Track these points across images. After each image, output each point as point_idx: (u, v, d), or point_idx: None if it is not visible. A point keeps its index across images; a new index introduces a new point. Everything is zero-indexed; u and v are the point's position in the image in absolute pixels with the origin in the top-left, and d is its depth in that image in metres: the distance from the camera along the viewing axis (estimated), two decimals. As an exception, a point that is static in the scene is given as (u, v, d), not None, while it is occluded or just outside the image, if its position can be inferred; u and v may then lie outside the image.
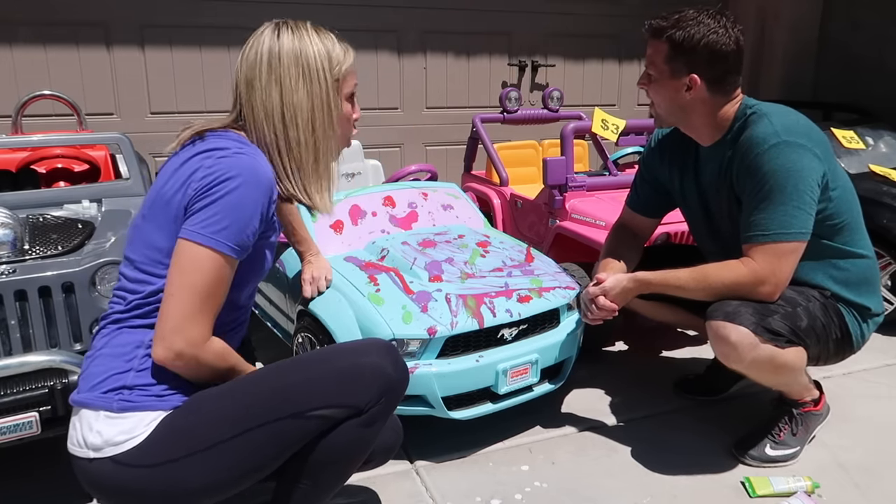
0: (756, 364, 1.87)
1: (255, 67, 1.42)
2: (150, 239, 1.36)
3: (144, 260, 1.36)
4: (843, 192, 1.94)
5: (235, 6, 4.18)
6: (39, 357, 1.67)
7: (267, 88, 1.41)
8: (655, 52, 1.93)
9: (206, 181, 1.30)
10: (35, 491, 1.94)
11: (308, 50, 1.42)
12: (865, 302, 2.01)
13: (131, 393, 1.32)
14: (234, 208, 1.30)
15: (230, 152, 1.34)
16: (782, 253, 1.84)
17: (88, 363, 1.38)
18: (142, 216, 1.40)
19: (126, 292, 1.38)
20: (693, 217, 2.22)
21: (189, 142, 1.40)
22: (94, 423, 1.31)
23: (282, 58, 1.41)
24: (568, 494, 1.94)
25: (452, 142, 4.83)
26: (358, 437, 1.39)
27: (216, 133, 1.41)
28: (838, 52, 5.24)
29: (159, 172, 1.43)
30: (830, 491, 1.94)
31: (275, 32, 1.44)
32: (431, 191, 2.79)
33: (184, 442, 1.30)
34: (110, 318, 1.40)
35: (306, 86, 1.42)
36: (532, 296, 2.19)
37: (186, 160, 1.36)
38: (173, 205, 1.33)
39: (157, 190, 1.38)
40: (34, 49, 3.86)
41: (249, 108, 1.42)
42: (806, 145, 1.83)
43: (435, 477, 2.01)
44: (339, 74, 1.46)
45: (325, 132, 1.45)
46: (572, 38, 5.20)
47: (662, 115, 2.02)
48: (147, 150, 3.82)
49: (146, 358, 1.34)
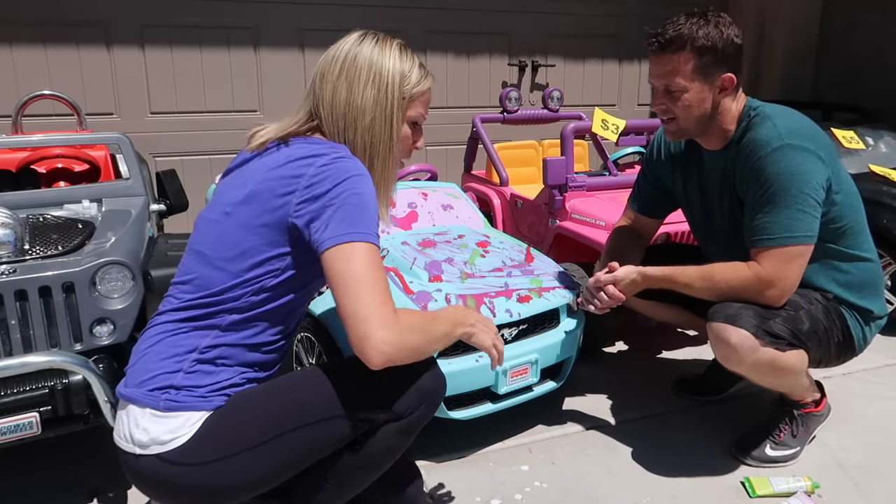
0: (756, 367, 1.87)
1: (331, 63, 1.46)
2: (231, 237, 1.38)
3: (218, 257, 1.38)
4: (847, 196, 1.93)
5: (235, 6, 4.17)
6: (40, 357, 1.67)
7: (336, 83, 1.44)
8: (678, 64, 1.85)
9: (321, 190, 1.32)
10: (35, 491, 1.94)
11: (384, 61, 1.45)
12: (868, 305, 2.01)
13: (178, 393, 1.33)
14: (360, 206, 1.33)
15: (329, 158, 1.36)
16: (789, 257, 1.83)
17: (137, 358, 1.40)
18: (224, 213, 1.40)
19: (190, 286, 1.39)
20: (695, 218, 2.22)
21: (273, 145, 1.42)
22: (141, 420, 1.33)
23: (357, 60, 1.45)
24: (568, 494, 1.94)
25: (452, 142, 4.82)
26: (392, 444, 1.42)
27: (303, 138, 1.44)
28: (838, 52, 5.24)
29: (234, 171, 1.46)
30: (830, 491, 1.94)
31: (360, 38, 1.48)
32: (431, 191, 2.79)
33: (229, 441, 1.33)
34: (167, 313, 1.41)
35: (373, 93, 1.44)
36: (532, 296, 2.19)
37: (280, 165, 1.37)
38: (270, 209, 1.35)
39: (243, 189, 1.39)
40: (34, 49, 3.86)
41: (319, 101, 1.46)
42: (810, 148, 1.82)
43: (435, 477, 2.01)
44: (407, 93, 1.47)
45: (384, 142, 1.47)
46: (572, 38, 5.20)
47: (690, 128, 1.95)
48: (147, 150, 3.83)
49: (196, 363, 1.36)
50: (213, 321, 1.37)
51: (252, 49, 4.26)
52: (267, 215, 1.35)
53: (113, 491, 1.91)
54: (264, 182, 1.37)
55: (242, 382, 1.39)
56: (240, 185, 1.41)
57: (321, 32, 4.36)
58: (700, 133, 1.99)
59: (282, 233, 1.36)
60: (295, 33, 4.31)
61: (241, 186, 1.41)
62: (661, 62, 1.89)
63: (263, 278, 1.37)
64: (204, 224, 1.45)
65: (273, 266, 1.37)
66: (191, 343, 1.37)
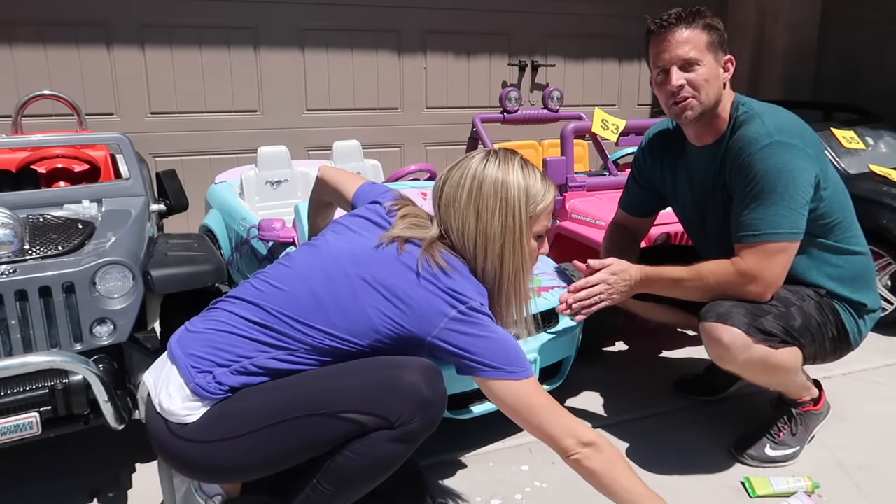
0: (749, 365, 1.87)
1: (457, 189, 1.49)
2: (356, 309, 1.42)
3: (332, 313, 1.42)
4: (835, 192, 1.94)
5: (235, 6, 4.18)
6: (40, 357, 1.67)
7: (465, 211, 1.48)
8: (692, 36, 1.86)
9: (461, 341, 1.44)
10: (35, 491, 1.94)
11: (510, 182, 1.47)
12: (861, 298, 2.01)
13: (210, 383, 1.39)
14: (505, 346, 1.46)
15: (472, 305, 1.43)
16: (771, 252, 1.84)
17: (203, 329, 1.45)
18: (361, 279, 1.43)
19: (285, 319, 1.43)
20: (686, 217, 2.22)
21: (426, 256, 1.45)
22: (172, 384, 1.41)
23: (483, 185, 1.47)
24: (568, 494, 1.94)
25: (452, 142, 4.83)
26: (385, 453, 1.41)
27: (452, 260, 1.47)
28: (838, 52, 5.24)
29: (386, 247, 1.47)
30: (830, 491, 1.94)
31: (484, 160, 1.50)
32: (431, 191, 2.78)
33: (228, 426, 1.39)
34: (254, 305, 1.45)
35: (501, 218, 1.46)
36: (531, 295, 2.18)
37: (426, 285, 1.42)
38: (415, 321, 1.42)
39: (388, 272, 1.44)
40: (34, 49, 3.86)
41: (448, 227, 1.50)
42: (798, 145, 1.83)
43: (435, 477, 2.01)
44: (534, 213, 1.49)
45: (515, 264, 1.50)
46: (572, 38, 5.20)
47: (709, 105, 1.91)
48: (147, 150, 3.83)
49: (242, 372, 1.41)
50: (287, 351, 1.42)
51: (252, 49, 4.26)
52: (404, 322, 1.42)
53: (113, 491, 1.91)
54: (411, 290, 1.42)
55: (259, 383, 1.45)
56: (384, 265, 1.44)
57: (321, 32, 4.38)
58: (710, 116, 1.95)
59: (410, 339, 1.44)
60: (295, 33, 4.30)
61: (385, 266, 1.44)
62: (673, 39, 1.87)
63: (361, 345, 1.44)
64: (331, 264, 1.47)
65: (376, 345, 1.44)
66: (251, 351, 1.42)
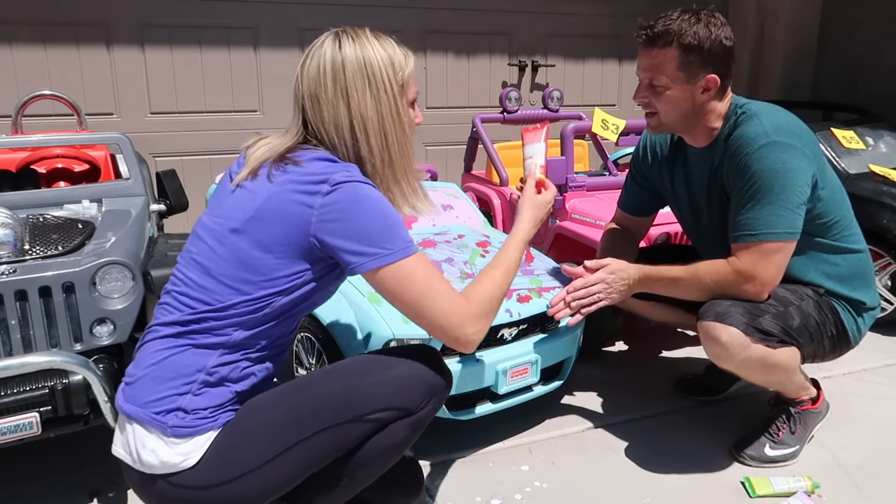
0: (747, 364, 1.87)
1: (320, 81, 1.39)
2: (241, 255, 1.33)
3: (229, 273, 1.33)
4: (832, 191, 1.94)
5: (235, 6, 4.17)
6: (40, 358, 1.67)
7: (334, 102, 1.38)
8: (663, 59, 1.85)
9: (338, 215, 1.31)
10: (35, 491, 1.94)
11: (372, 58, 1.40)
12: (860, 296, 2.01)
13: (186, 417, 1.30)
14: (384, 220, 1.34)
15: (339, 177, 1.32)
16: (768, 252, 1.84)
17: (141, 372, 1.35)
18: (231, 230, 1.35)
19: (193, 300, 1.35)
20: (685, 217, 2.23)
21: (277, 165, 1.36)
22: (148, 441, 1.31)
23: (346, 69, 1.38)
24: (568, 494, 1.94)
25: (452, 142, 4.82)
26: (400, 439, 1.41)
27: (312, 152, 1.38)
28: (838, 52, 5.24)
29: (241, 187, 1.39)
30: (830, 491, 1.94)
31: (336, 42, 1.41)
32: (431, 191, 2.76)
33: (239, 460, 1.31)
34: (169, 325, 1.36)
35: (373, 96, 1.39)
36: (532, 296, 2.19)
37: (289, 186, 1.33)
38: (287, 231, 1.32)
39: (252, 203, 1.34)
40: (34, 49, 3.86)
41: (319, 124, 1.40)
42: (796, 145, 1.83)
43: (435, 477, 2.01)
44: (402, 80, 1.44)
45: (399, 139, 1.44)
46: (572, 38, 5.19)
47: (670, 124, 1.96)
48: (147, 150, 3.83)
49: (204, 386, 1.33)
50: (219, 339, 1.34)
51: (252, 49, 4.26)
52: (290, 238, 1.32)
53: (113, 491, 1.91)
54: (271, 202, 1.33)
55: (249, 389, 1.39)
56: (247, 199, 1.36)
57: (321, 32, 4.36)
58: (683, 130, 2.00)
59: (300, 252, 1.33)
60: (295, 33, 4.30)
61: (248, 200, 1.36)
62: (648, 56, 1.89)
63: (276, 296, 1.35)
64: (207, 234, 1.39)
65: (288, 284, 1.35)
66: (197, 362, 1.33)
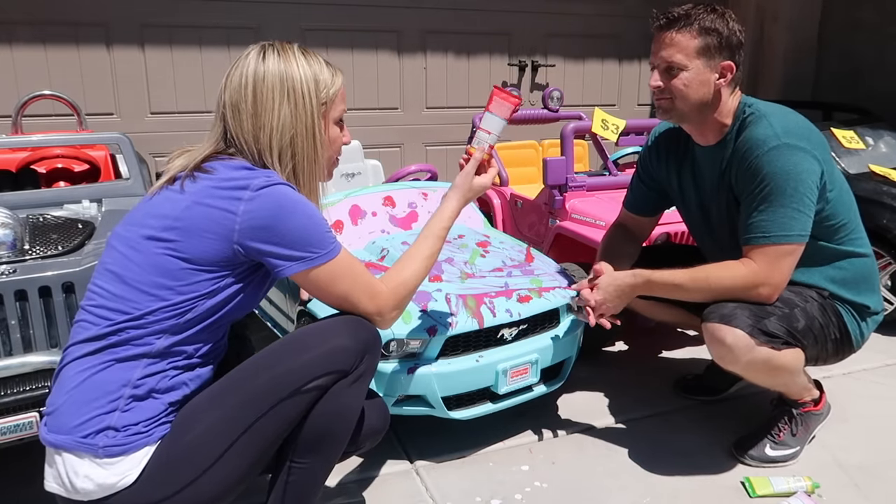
0: (752, 366, 1.87)
1: (240, 91, 1.39)
2: (162, 261, 1.30)
3: (145, 280, 1.30)
4: (840, 194, 1.94)
5: (235, 6, 4.17)
6: (40, 357, 1.67)
7: (252, 112, 1.38)
8: (682, 39, 1.85)
9: (264, 222, 1.31)
10: (35, 491, 1.94)
11: (294, 73, 1.40)
12: (864, 301, 2.01)
13: (117, 435, 1.26)
14: (310, 223, 1.36)
15: (260, 182, 1.32)
16: (781, 255, 1.84)
17: (62, 399, 1.29)
18: (146, 237, 1.32)
19: (110, 311, 1.30)
20: (691, 217, 2.22)
21: (195, 174, 1.34)
22: (80, 468, 1.25)
23: (266, 81, 1.38)
24: (568, 494, 1.94)
25: (452, 142, 4.83)
26: (350, 399, 1.41)
27: (228, 163, 1.37)
28: (838, 52, 5.24)
29: (157, 195, 1.37)
30: (830, 491, 1.94)
31: (260, 55, 1.41)
32: (431, 191, 2.79)
33: (186, 468, 1.29)
34: (86, 342, 1.30)
35: (291, 109, 1.40)
36: (532, 296, 2.19)
37: (209, 193, 1.31)
38: (209, 238, 1.30)
39: (169, 215, 1.32)
40: (34, 49, 3.86)
41: (239, 133, 1.39)
42: (805, 148, 1.83)
43: (435, 477, 2.01)
44: (326, 98, 1.44)
45: (307, 156, 1.43)
46: (572, 38, 5.20)
47: (684, 110, 1.92)
48: (147, 150, 3.83)
49: (132, 400, 1.28)
50: (141, 349, 1.29)
51: (252, 49, 4.26)
52: (212, 245, 1.30)
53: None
54: (192, 210, 1.30)
55: (182, 400, 1.35)
56: (164, 207, 1.34)
57: (321, 32, 4.38)
58: (695, 120, 1.97)
59: (221, 258, 1.32)
60: (295, 33, 4.28)
61: (166, 208, 1.33)
62: (666, 38, 1.88)
63: (198, 300, 1.32)
64: (120, 242, 1.35)
65: (210, 287, 1.33)
66: (122, 377, 1.28)
